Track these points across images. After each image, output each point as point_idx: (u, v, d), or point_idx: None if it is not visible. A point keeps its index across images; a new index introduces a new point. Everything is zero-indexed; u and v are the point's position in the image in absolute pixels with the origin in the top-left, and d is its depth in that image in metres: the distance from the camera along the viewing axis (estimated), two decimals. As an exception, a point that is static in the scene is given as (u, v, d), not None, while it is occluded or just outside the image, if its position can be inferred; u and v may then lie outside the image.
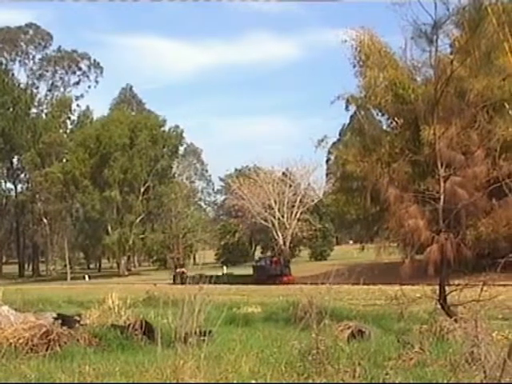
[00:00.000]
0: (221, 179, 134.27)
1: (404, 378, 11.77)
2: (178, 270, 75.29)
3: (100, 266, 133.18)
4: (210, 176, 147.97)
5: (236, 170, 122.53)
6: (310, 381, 11.90)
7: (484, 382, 9.85)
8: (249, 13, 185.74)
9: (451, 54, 38.09)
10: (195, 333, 12.67)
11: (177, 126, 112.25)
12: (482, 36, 22.71)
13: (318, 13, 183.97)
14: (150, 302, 28.90)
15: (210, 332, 15.46)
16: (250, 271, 74.80)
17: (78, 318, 21.34)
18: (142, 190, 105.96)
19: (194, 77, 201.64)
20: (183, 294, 13.12)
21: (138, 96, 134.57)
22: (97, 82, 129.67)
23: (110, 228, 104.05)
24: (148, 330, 18.48)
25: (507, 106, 45.93)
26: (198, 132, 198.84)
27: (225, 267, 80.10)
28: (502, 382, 9.26)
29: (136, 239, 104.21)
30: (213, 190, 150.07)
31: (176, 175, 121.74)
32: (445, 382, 11.32)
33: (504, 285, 32.46)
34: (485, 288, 14.21)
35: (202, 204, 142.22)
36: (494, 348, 10.85)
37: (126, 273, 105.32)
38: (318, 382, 11.73)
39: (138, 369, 13.24)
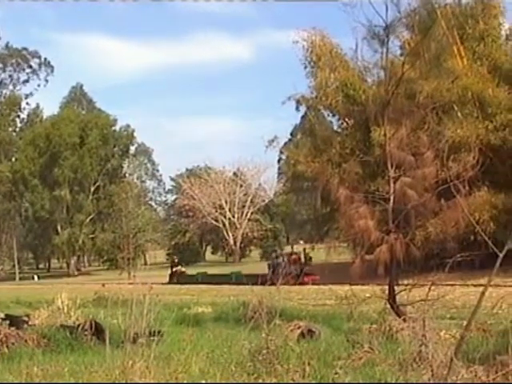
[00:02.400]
0: (172, 179, 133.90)
1: (353, 377, 11.83)
2: (174, 268, 72.93)
3: (49, 265, 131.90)
4: (160, 176, 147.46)
5: (187, 169, 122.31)
6: (260, 380, 11.91)
7: (431, 380, 9.93)
8: (199, 13, 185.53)
9: (402, 55, 38.56)
10: (145, 333, 12.60)
11: (128, 126, 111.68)
12: (432, 39, 22.90)
13: (269, 14, 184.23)
14: (100, 302, 28.69)
15: (159, 332, 15.40)
16: (262, 269, 70.93)
17: (26, 319, 21.13)
18: (93, 189, 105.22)
19: (144, 76, 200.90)
20: (133, 294, 13.05)
21: (89, 95, 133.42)
22: (47, 80, 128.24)
23: (59, 228, 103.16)
24: (97, 331, 18.34)
25: (456, 108, 46.51)
26: (149, 132, 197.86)
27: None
28: (449, 380, 9.35)
29: (86, 239, 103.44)
30: (164, 189, 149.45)
31: (127, 175, 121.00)
32: (393, 381, 11.40)
33: (452, 284, 32.76)
34: (433, 288, 14.33)
35: (153, 204, 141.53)
36: (441, 347, 10.95)
37: (76, 273, 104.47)
38: (268, 381, 11.74)
39: (86, 369, 13.14)
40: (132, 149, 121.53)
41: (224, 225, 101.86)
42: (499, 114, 47.44)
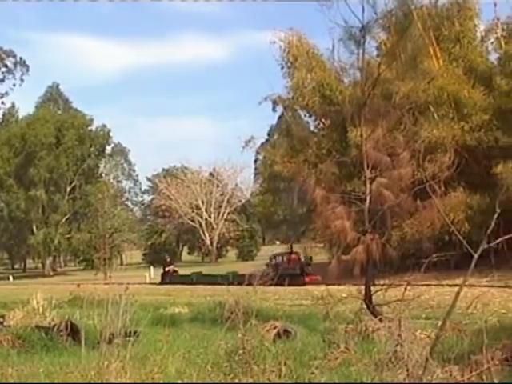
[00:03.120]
0: (148, 179, 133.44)
1: (329, 377, 11.86)
2: (167, 268, 70.67)
3: (25, 266, 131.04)
4: (137, 176, 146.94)
5: (163, 169, 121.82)
6: (237, 381, 11.91)
7: (406, 380, 9.98)
8: (177, 13, 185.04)
9: (378, 56, 38.69)
10: (121, 333, 12.56)
11: (104, 126, 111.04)
12: (409, 40, 23.02)
13: (246, 14, 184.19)
14: (76, 303, 28.56)
15: (135, 333, 15.36)
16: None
17: (1, 320, 21.03)
18: (69, 189, 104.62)
19: (121, 76, 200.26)
20: (109, 294, 13.01)
21: (65, 94, 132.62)
22: (22, 79, 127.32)
23: (35, 228, 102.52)
24: (73, 331, 18.27)
25: (432, 109, 46.70)
26: (126, 131, 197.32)
27: (152, 268, 79.43)
28: (424, 380, 9.39)
29: (62, 239, 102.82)
30: (140, 189, 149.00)
31: (103, 175, 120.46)
32: (369, 380, 11.44)
33: (427, 284, 32.94)
34: (409, 288, 14.39)
35: (129, 204, 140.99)
36: (416, 347, 11.00)
37: (52, 273, 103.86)
38: (245, 381, 11.74)
39: (62, 370, 13.08)
40: (108, 149, 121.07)
41: (200, 225, 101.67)
42: (475, 115, 47.69)
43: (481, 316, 19.85)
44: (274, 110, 64.20)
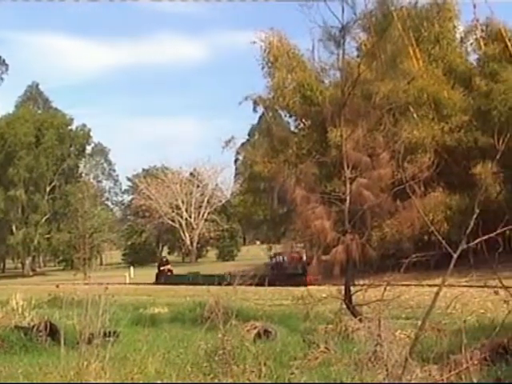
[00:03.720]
0: (128, 179, 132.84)
1: (309, 377, 11.88)
2: (162, 267, 68.29)
3: (4, 266, 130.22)
4: (117, 176, 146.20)
5: (144, 170, 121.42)
6: (216, 381, 11.91)
7: (386, 380, 10.01)
8: (157, 13, 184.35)
9: (358, 57, 38.77)
10: (100, 334, 12.53)
11: (84, 125, 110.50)
12: (388, 40, 23.10)
13: (227, 14, 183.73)
14: (55, 303, 28.43)
15: (115, 333, 15.33)
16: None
17: (-21, 320, 20.89)
18: (48, 189, 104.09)
19: (102, 76, 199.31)
20: (88, 294, 12.98)
21: (45, 94, 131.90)
22: (1, 78, 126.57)
23: (14, 228, 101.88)
24: (52, 332, 18.19)
25: (412, 110, 46.87)
26: (106, 131, 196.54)
27: (132, 268, 79.22)
28: (403, 379, 9.42)
29: (41, 239, 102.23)
30: (120, 189, 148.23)
31: (83, 175, 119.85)
32: (349, 380, 11.46)
33: (407, 285, 33.06)
34: (388, 288, 14.43)
35: (109, 204, 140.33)
36: (396, 347, 11.05)
37: (31, 273, 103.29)
38: (224, 382, 11.74)
39: (41, 371, 13.02)
40: (88, 148, 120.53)
41: (180, 225, 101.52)
42: (454, 116, 47.92)
43: (460, 316, 19.93)
44: (254, 110, 64.21)
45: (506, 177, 42.96)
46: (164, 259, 74.58)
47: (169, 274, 67.11)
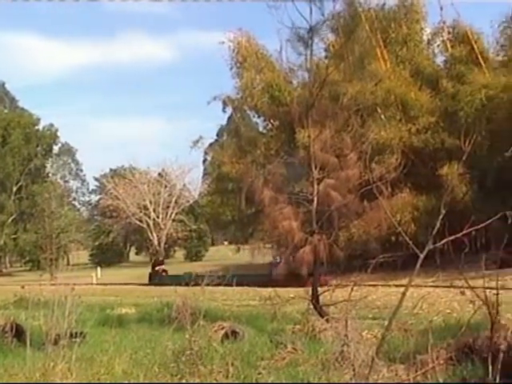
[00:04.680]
0: (96, 179, 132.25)
1: (276, 377, 11.89)
2: (156, 267, 66.97)
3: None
4: (84, 176, 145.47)
5: (111, 170, 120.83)
6: (184, 381, 11.90)
7: (353, 380, 10.05)
8: (125, 13, 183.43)
9: (326, 58, 38.90)
10: (66, 334, 12.46)
11: (51, 125, 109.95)
12: (356, 42, 23.19)
13: (195, 15, 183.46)
14: (22, 304, 28.21)
15: (81, 333, 15.25)
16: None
17: None
18: (15, 189, 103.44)
19: (69, 75, 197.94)
20: (55, 295, 12.91)
21: (11, 93, 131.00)
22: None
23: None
24: (18, 332, 18.03)
25: (379, 111, 47.09)
26: (73, 131, 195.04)
27: (99, 268, 78.87)
28: (370, 379, 9.47)
29: (8, 239, 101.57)
30: (87, 189, 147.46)
31: (50, 174, 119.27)
32: (316, 380, 11.49)
33: (374, 285, 33.27)
34: (356, 288, 14.47)
35: (76, 204, 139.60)
36: (363, 347, 11.08)
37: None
38: (192, 382, 11.73)
39: (6, 372, 12.91)
40: (55, 148, 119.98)
41: (148, 225, 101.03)
42: (421, 117, 48.23)
43: (426, 316, 20.06)
44: (223, 110, 64.21)
45: (472, 178, 43.32)
46: (159, 259, 73.74)
47: (163, 274, 65.29)
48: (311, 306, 20.62)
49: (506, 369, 9.52)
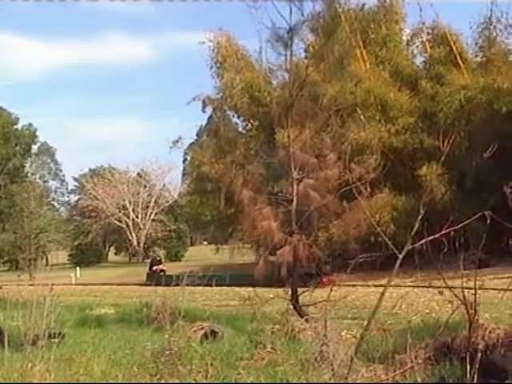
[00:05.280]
0: (75, 179, 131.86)
1: (255, 377, 11.90)
2: (154, 267, 63.14)
3: None
4: (63, 176, 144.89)
5: (90, 170, 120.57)
6: (163, 381, 11.88)
7: (332, 380, 10.07)
8: (103, 12, 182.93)
9: (306, 58, 38.91)
10: (45, 335, 12.41)
11: (30, 124, 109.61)
12: (336, 42, 23.18)
13: (175, 15, 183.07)
14: (0, 304, 28.07)
15: (60, 334, 15.19)
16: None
17: None
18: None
19: (48, 75, 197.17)
20: (34, 295, 12.85)
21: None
22: None
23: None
24: (-4, 333, 17.95)
25: (359, 111, 47.17)
26: (53, 131, 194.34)
27: (78, 268, 78.57)
28: (349, 379, 9.49)
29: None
30: (66, 189, 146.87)
31: (29, 174, 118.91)
32: (295, 380, 11.51)
33: (353, 285, 33.35)
34: (335, 288, 14.52)
35: (56, 204, 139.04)
36: (342, 347, 11.10)
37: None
38: (171, 382, 11.72)
39: (-17, 373, 12.87)
40: (34, 148, 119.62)
41: (127, 225, 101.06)
42: (401, 118, 48.38)
43: (405, 316, 20.14)
44: (203, 110, 64.18)
45: (451, 178, 43.53)
46: (157, 258, 69.58)
47: (161, 273, 60.29)
48: (291, 306, 20.64)
49: (483, 368, 9.58)
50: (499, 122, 45.03)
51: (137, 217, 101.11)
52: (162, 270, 61.22)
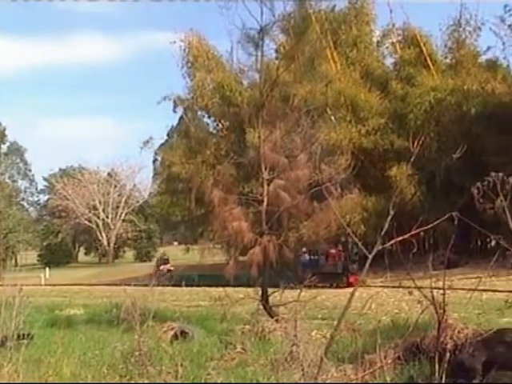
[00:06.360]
0: (45, 179, 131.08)
1: (226, 377, 11.88)
2: (161, 267, 60.94)
3: None
4: (33, 175, 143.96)
5: (60, 169, 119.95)
6: (133, 382, 11.83)
7: (302, 379, 10.07)
8: (73, 13, 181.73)
9: (277, 59, 38.96)
10: (14, 336, 12.33)
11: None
12: (306, 43, 23.25)
13: (147, 15, 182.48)
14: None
15: (29, 335, 15.10)
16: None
17: None
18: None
19: (18, 75, 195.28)
20: (2, 296, 12.77)
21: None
22: None
23: None
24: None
25: (330, 112, 47.31)
26: (22, 130, 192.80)
27: (47, 268, 78.13)
28: (319, 379, 9.50)
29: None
30: (36, 189, 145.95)
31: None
32: (265, 380, 11.51)
33: (323, 286, 33.43)
34: (305, 289, 14.53)
35: (25, 204, 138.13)
36: (312, 347, 11.11)
37: None
38: (140, 383, 11.67)
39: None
40: (3, 147, 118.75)
41: (97, 225, 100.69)
42: (371, 119, 48.59)
43: (375, 316, 20.19)
44: (174, 110, 64.10)
45: (420, 179, 43.75)
46: (164, 257, 68.01)
47: (168, 273, 57.01)
48: (261, 307, 20.65)
49: (452, 368, 9.64)
50: (468, 124, 45.47)
51: (107, 217, 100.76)
52: (169, 270, 59.46)
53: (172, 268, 61.01)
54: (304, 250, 45.45)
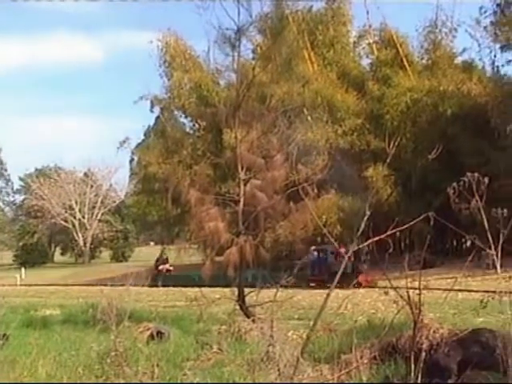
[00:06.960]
0: (20, 179, 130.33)
1: (202, 378, 11.88)
2: (160, 267, 58.63)
3: None
4: (9, 175, 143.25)
5: (36, 169, 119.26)
6: (109, 382, 11.80)
7: (278, 380, 10.08)
8: (52, 12, 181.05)
9: (254, 59, 38.98)
10: (-12, 336, 12.28)
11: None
12: (283, 43, 23.29)
13: (124, 14, 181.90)
14: None
15: (4, 335, 15.02)
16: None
17: None
18: None
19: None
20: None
21: None
22: None
23: None
24: None
25: (306, 112, 47.37)
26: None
27: (23, 269, 77.67)
28: (295, 379, 9.52)
29: None
30: (12, 189, 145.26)
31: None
32: (241, 381, 11.52)
33: (299, 286, 33.42)
34: (281, 289, 14.55)
35: (0, 204, 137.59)
36: (288, 347, 11.13)
37: None
38: (116, 383, 11.64)
39: None
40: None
41: (74, 226, 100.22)
42: (348, 119, 48.73)
43: (351, 316, 20.26)
44: (151, 110, 63.96)
45: (396, 179, 43.95)
46: (164, 256, 62.93)
47: (167, 274, 57.31)
48: (237, 307, 20.66)
49: (427, 367, 9.68)
50: (444, 124, 45.74)
51: (83, 217, 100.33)
52: (168, 270, 58.16)
53: (171, 268, 59.06)
54: (313, 247, 44.11)
